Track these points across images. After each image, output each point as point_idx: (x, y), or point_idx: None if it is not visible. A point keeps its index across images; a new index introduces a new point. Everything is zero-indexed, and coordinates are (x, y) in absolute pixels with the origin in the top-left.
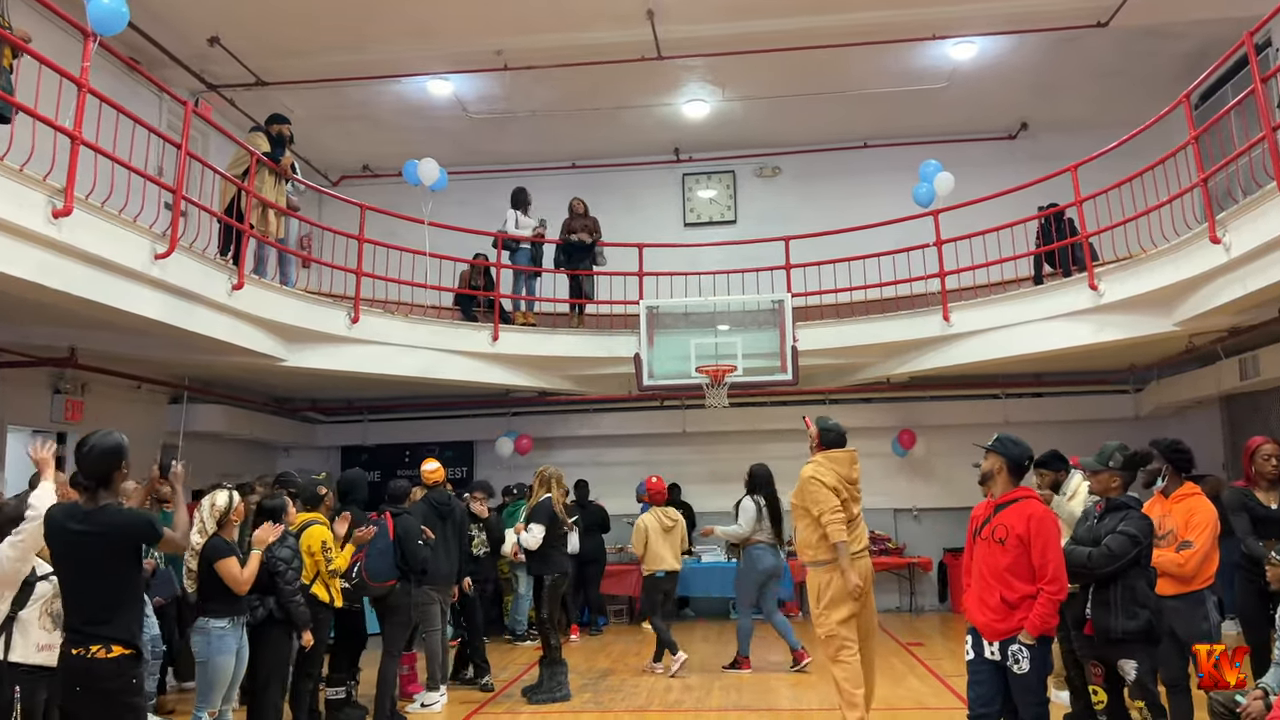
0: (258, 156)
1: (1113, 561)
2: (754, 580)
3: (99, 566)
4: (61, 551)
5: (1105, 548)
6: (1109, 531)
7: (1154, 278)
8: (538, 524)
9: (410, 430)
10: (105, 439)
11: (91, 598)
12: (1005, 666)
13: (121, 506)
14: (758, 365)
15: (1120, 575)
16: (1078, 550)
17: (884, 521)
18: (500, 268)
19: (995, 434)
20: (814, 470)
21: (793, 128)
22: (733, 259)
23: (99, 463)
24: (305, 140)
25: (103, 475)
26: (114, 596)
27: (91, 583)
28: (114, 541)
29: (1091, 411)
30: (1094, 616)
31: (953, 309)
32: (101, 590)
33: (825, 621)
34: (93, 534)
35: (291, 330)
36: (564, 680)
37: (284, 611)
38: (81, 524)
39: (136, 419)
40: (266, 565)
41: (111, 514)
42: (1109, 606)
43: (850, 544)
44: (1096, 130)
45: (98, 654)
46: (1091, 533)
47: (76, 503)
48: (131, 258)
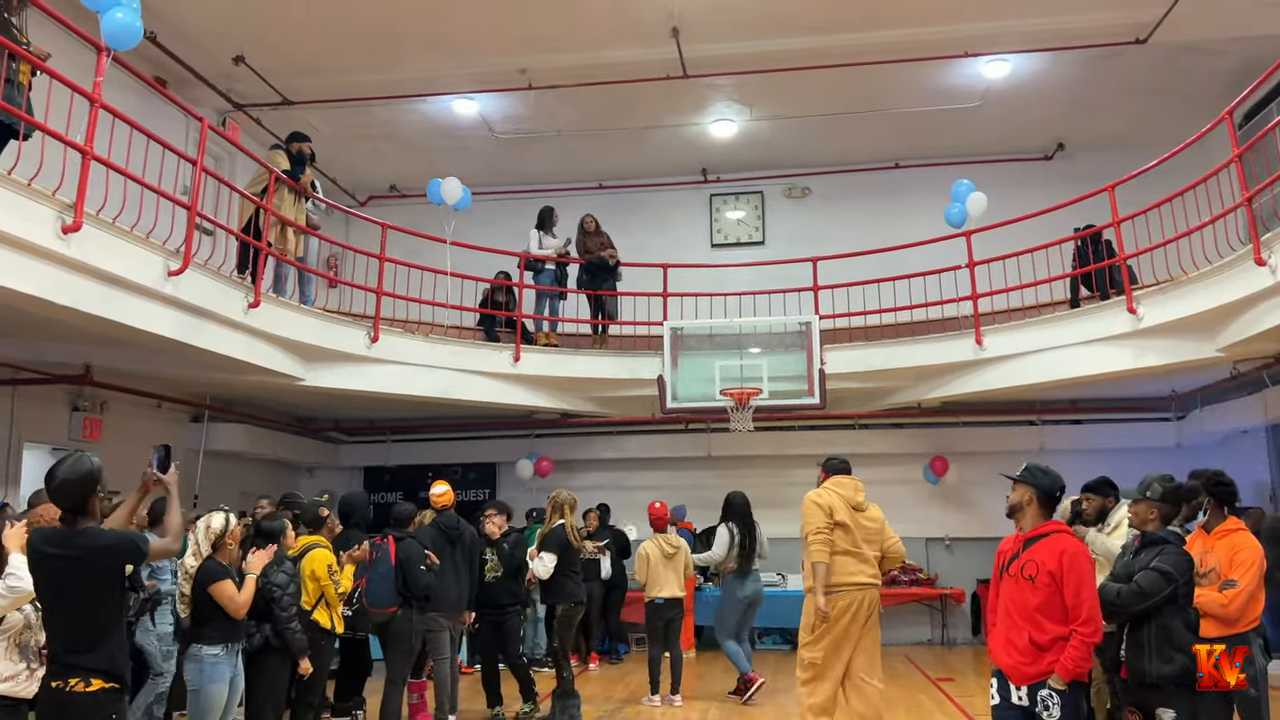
0: (277, 174)
1: (1143, 600)
2: (735, 608)
3: (80, 592)
4: (42, 578)
5: (1136, 585)
6: (1143, 567)
7: (1195, 301)
8: (549, 553)
9: (433, 451)
10: (75, 468)
11: (72, 626)
12: (1034, 713)
13: (103, 529)
14: (784, 388)
15: (1154, 615)
16: (1108, 587)
17: (915, 551)
18: (523, 287)
19: (1024, 463)
20: (812, 493)
21: (822, 148)
22: (759, 280)
23: (72, 493)
24: (332, 160)
25: (78, 504)
26: (95, 624)
27: (72, 610)
28: (96, 565)
29: (1131, 440)
30: (1128, 659)
31: (986, 332)
32: (83, 618)
33: (811, 647)
34: (72, 558)
35: (310, 349)
36: (576, 713)
37: (280, 639)
38: (60, 548)
39: (157, 437)
40: (262, 591)
41: (92, 536)
42: (1142, 649)
43: (859, 573)
44: (1134, 151)
45: (76, 687)
46: (1127, 568)
47: (56, 528)
48: (144, 274)
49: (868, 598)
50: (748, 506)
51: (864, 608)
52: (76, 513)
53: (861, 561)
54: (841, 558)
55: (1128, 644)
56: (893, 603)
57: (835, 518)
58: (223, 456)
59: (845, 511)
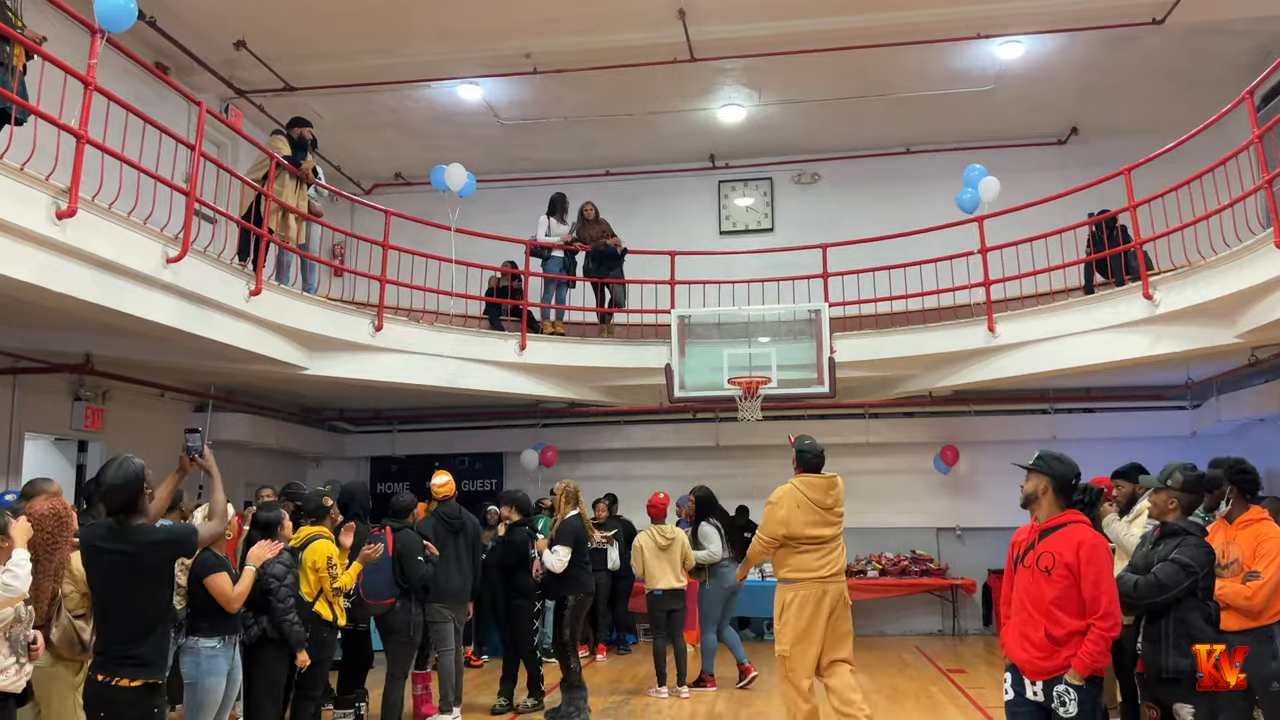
0: (278, 160)
1: (1160, 592)
2: (721, 598)
3: (133, 588)
4: (97, 574)
5: (1153, 577)
6: (1161, 559)
7: (1214, 286)
8: (564, 545)
9: (440, 441)
10: (120, 472)
11: (122, 621)
12: (1049, 709)
13: (154, 526)
14: (793, 377)
15: (1173, 608)
16: (1125, 578)
17: (926, 541)
18: (529, 275)
19: (1037, 451)
20: (777, 496)
21: (832, 133)
22: (768, 267)
23: (120, 494)
24: (336, 148)
25: (127, 505)
26: (145, 620)
27: (124, 605)
28: (149, 561)
29: (1145, 428)
30: (1144, 653)
31: (998, 319)
32: (133, 613)
33: (781, 639)
34: (127, 554)
35: (313, 338)
36: (583, 705)
37: (278, 631)
38: (115, 544)
39: (160, 427)
40: (259, 582)
41: (145, 532)
42: (1159, 643)
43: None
44: (1151, 135)
45: (121, 683)
46: (1146, 559)
47: (110, 524)
48: (142, 261)
49: (830, 591)
50: (714, 498)
51: (825, 601)
52: (127, 512)
53: (825, 556)
54: (801, 555)
55: (1144, 637)
56: (903, 593)
57: (789, 531)
58: (227, 447)
59: (804, 516)
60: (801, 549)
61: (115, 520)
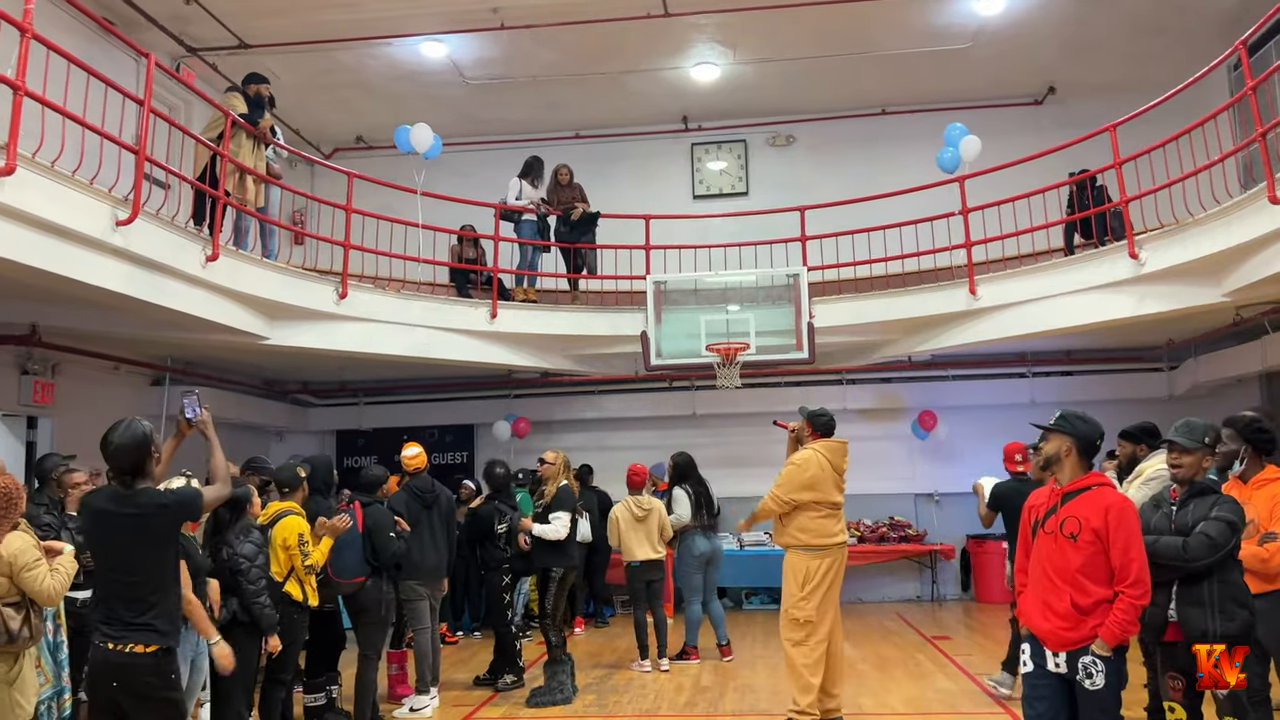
0: (233, 118)
1: (1214, 552)
2: (695, 566)
3: (140, 552)
4: (100, 537)
5: (1205, 535)
6: (1202, 518)
7: (1202, 244)
8: (564, 511)
9: (409, 413)
10: (128, 433)
11: (132, 586)
12: (1073, 681)
13: (160, 489)
14: (772, 343)
15: (1215, 569)
16: (1168, 541)
17: (904, 507)
18: (498, 240)
19: (1058, 410)
20: (802, 459)
21: (807, 93)
22: (745, 232)
23: (128, 456)
24: (295, 110)
25: (134, 467)
26: (155, 584)
27: (132, 570)
28: (156, 523)
29: (1123, 391)
30: (1184, 618)
31: (979, 282)
32: (143, 578)
33: (805, 606)
34: (133, 516)
35: (274, 306)
36: (566, 680)
37: (248, 614)
38: (122, 506)
39: (115, 402)
40: (228, 563)
41: (151, 495)
42: (1204, 606)
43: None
44: (1130, 95)
45: (136, 649)
46: (1173, 521)
47: (115, 488)
48: (88, 224)
49: (844, 555)
50: (694, 465)
51: (842, 565)
52: (134, 475)
53: (839, 521)
54: (824, 520)
55: (1182, 601)
56: (882, 559)
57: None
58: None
59: (829, 480)
60: (824, 514)
61: (120, 483)
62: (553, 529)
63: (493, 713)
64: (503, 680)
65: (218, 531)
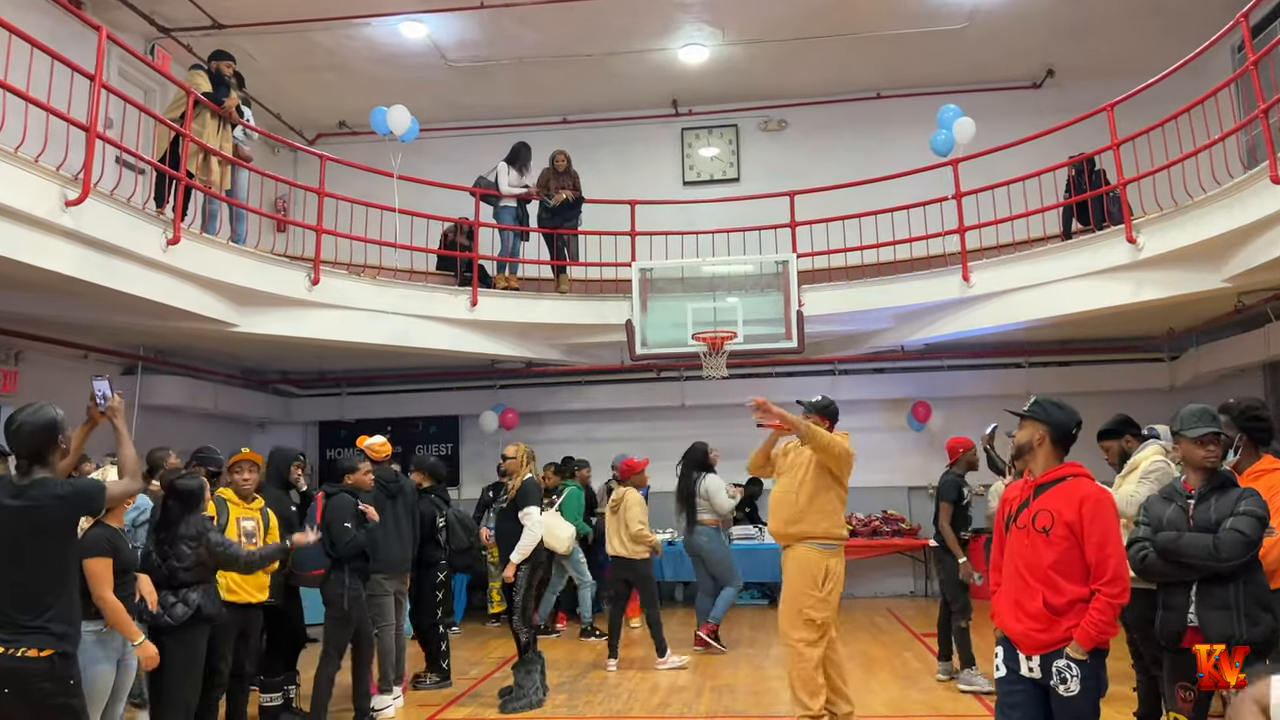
0: (196, 96)
1: (1250, 550)
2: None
3: (32, 547)
4: None
5: (1238, 532)
6: (1227, 514)
7: (1202, 228)
8: (533, 506)
9: (392, 404)
10: (35, 415)
11: (23, 584)
12: (1047, 686)
13: (59, 479)
14: (760, 332)
15: (1242, 570)
16: (1195, 539)
17: (897, 501)
18: (480, 225)
19: (1032, 397)
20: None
21: (799, 77)
22: (734, 218)
23: (29, 440)
24: (275, 94)
25: (34, 453)
26: (49, 582)
27: (22, 566)
28: (50, 516)
29: (1122, 382)
30: (1205, 623)
31: (973, 268)
32: (34, 575)
33: (824, 608)
34: (25, 509)
35: (242, 292)
36: (538, 682)
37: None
38: (15, 499)
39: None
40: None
41: (50, 485)
42: (1230, 610)
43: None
44: (1129, 78)
45: (29, 654)
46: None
47: (6, 476)
48: (34, 203)
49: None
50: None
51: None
52: (33, 461)
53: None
54: (841, 513)
55: (1205, 605)
56: (874, 554)
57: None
58: (161, 412)
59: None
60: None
61: (17, 470)
62: (528, 538)
63: (458, 713)
64: (422, 680)
65: (166, 527)
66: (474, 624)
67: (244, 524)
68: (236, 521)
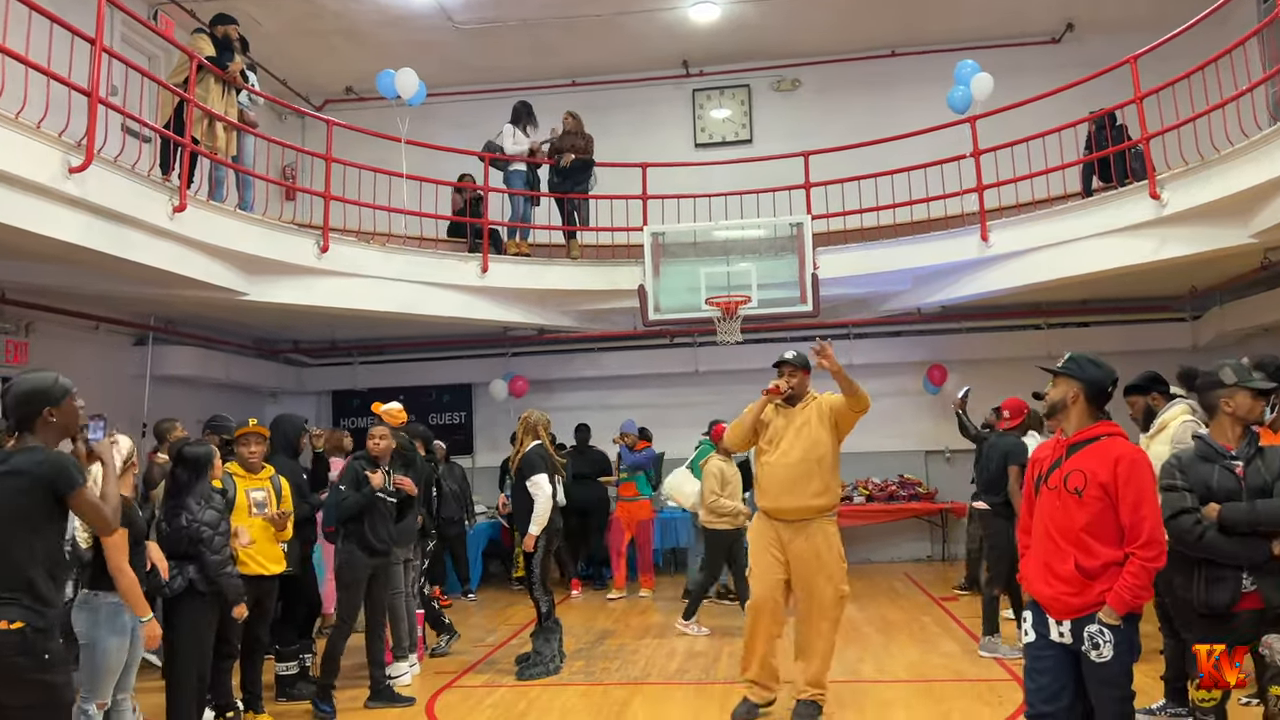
0: (199, 61)
1: None
2: None
3: (14, 515)
4: None
5: None
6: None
7: (1229, 181)
8: (540, 474)
9: (404, 373)
10: (22, 381)
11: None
12: (1078, 652)
13: (44, 449)
14: (775, 296)
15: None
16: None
17: (914, 465)
18: (489, 190)
19: (1067, 353)
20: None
21: (812, 35)
22: (747, 180)
23: (14, 407)
24: (281, 59)
25: (22, 419)
26: (26, 553)
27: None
28: (21, 480)
29: (1143, 342)
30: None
31: (992, 228)
32: (16, 545)
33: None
34: (7, 474)
35: (251, 260)
36: (557, 649)
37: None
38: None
39: (96, 363)
40: (188, 530)
41: (36, 454)
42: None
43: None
44: (1149, 32)
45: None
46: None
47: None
48: (36, 169)
49: None
50: None
51: None
52: (20, 428)
53: None
54: None
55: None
56: (891, 518)
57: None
58: (172, 382)
59: None
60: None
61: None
62: (540, 508)
63: (475, 680)
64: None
65: (176, 494)
66: (490, 592)
67: (253, 495)
68: (245, 493)
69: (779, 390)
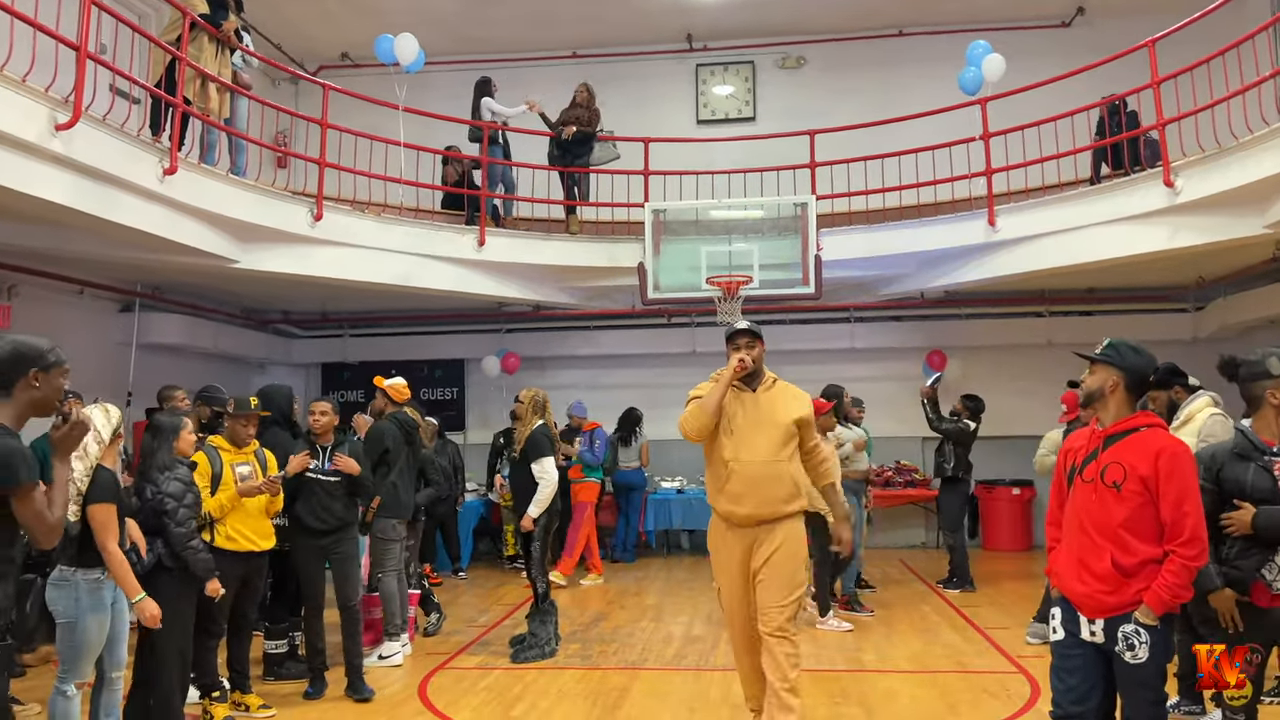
0: (192, 18)
1: None
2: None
3: None
4: None
5: None
6: None
7: (1247, 170)
8: (545, 457)
9: (396, 346)
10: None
11: None
12: (1110, 652)
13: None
14: (776, 277)
15: None
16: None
17: (911, 451)
18: (485, 161)
19: (1106, 339)
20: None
21: (818, 12)
22: (750, 159)
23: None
24: (275, 22)
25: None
26: None
27: None
28: None
29: (1142, 332)
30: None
31: (999, 212)
32: None
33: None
34: None
35: (243, 226)
36: (552, 632)
37: (177, 560)
38: None
39: (81, 329)
40: (154, 502)
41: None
42: None
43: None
44: (1161, 17)
45: None
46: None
47: None
48: (21, 125)
49: None
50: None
51: None
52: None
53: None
54: None
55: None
56: (888, 504)
57: None
58: (159, 350)
59: None
60: None
61: None
62: (544, 491)
63: (468, 662)
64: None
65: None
66: (480, 570)
67: (239, 469)
68: (231, 467)
69: (745, 366)
